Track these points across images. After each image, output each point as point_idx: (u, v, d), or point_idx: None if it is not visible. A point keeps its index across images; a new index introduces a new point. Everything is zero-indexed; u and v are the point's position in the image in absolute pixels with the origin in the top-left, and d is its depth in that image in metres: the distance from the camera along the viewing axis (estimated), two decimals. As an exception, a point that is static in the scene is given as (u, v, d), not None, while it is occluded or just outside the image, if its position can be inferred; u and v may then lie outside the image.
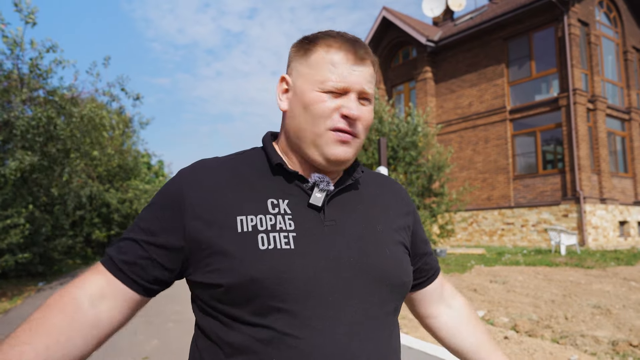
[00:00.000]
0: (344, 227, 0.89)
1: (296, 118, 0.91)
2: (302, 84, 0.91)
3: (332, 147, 0.88)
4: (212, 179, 0.89)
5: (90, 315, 0.84)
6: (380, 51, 21.77)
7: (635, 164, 17.50)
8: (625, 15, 18.25)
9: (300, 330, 0.79)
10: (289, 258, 0.81)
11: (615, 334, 5.15)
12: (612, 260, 10.46)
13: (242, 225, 0.83)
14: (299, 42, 0.95)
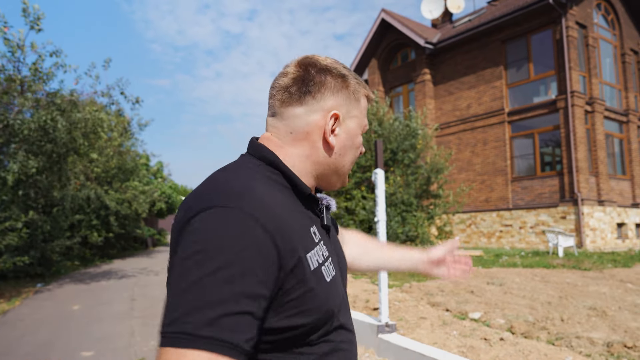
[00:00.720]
0: (335, 238, 1.02)
1: (344, 156, 0.97)
2: (355, 126, 0.97)
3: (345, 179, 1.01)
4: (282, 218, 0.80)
5: None
6: (379, 53, 21.83)
7: (633, 166, 17.55)
8: (623, 17, 18.32)
9: (346, 336, 0.90)
10: (338, 282, 0.91)
11: (610, 335, 5.19)
12: (609, 262, 10.50)
13: (311, 263, 0.83)
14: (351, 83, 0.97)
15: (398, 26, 20.19)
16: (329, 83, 0.94)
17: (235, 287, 0.70)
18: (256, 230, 0.74)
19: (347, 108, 0.96)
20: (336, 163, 0.96)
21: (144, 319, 6.85)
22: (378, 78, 21.84)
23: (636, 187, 17.48)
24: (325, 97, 0.94)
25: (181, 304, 0.69)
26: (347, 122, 0.96)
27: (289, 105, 0.95)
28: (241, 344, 0.69)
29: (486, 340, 5.17)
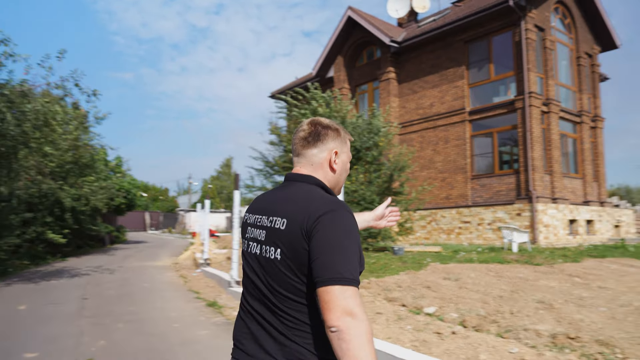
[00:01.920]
0: None
1: (341, 175, 1.62)
2: (345, 158, 1.63)
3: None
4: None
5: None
6: (345, 51, 21.90)
7: (585, 166, 18.23)
8: (579, 22, 18.97)
9: None
10: None
11: (556, 327, 5.37)
12: (559, 258, 10.87)
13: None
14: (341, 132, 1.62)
15: (364, 24, 20.31)
16: (330, 134, 1.59)
17: (358, 251, 1.35)
18: (353, 218, 1.39)
19: (340, 147, 1.60)
20: (337, 180, 1.61)
21: (95, 318, 6.68)
22: (344, 75, 21.92)
23: (587, 186, 18.17)
24: (329, 142, 1.58)
25: (344, 261, 1.28)
26: (341, 155, 1.61)
27: (307, 149, 1.57)
28: (357, 277, 1.30)
29: (439, 334, 5.27)
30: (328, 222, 1.32)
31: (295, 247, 1.34)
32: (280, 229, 1.39)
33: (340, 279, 1.25)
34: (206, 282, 10.51)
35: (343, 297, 1.23)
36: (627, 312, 5.98)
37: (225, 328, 6.09)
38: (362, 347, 1.19)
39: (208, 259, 12.88)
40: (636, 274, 9.14)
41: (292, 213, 1.39)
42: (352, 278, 1.27)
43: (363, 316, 1.23)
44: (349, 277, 1.26)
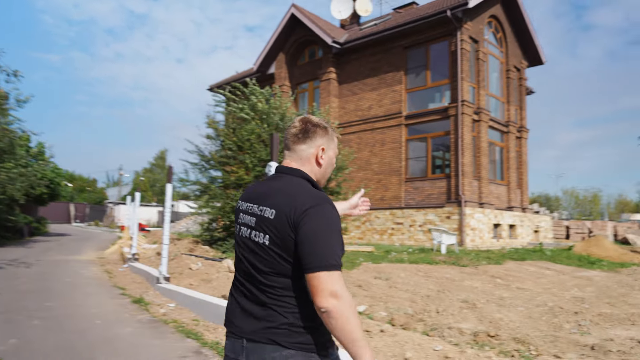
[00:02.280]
0: None
1: (326, 170, 1.77)
2: (332, 154, 1.79)
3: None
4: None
5: None
6: (287, 48, 21.83)
7: (510, 173, 19.29)
8: (509, 37, 20.03)
9: None
10: None
11: (478, 325, 5.62)
12: (484, 260, 11.42)
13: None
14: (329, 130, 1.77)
15: (307, 23, 20.33)
16: (318, 131, 1.73)
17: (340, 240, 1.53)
18: (335, 211, 1.56)
19: (327, 144, 1.75)
20: (323, 173, 1.77)
21: (6, 314, 6.22)
22: (285, 73, 21.84)
23: (511, 192, 19.24)
24: (317, 139, 1.73)
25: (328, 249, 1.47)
26: (327, 151, 1.75)
27: (297, 144, 1.73)
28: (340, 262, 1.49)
29: (368, 332, 5.35)
30: (314, 215, 1.51)
31: (282, 234, 1.54)
32: (269, 218, 1.59)
33: (326, 266, 1.46)
34: (133, 278, 10.10)
35: (328, 282, 1.46)
36: (542, 311, 6.36)
37: (151, 326, 5.87)
38: (348, 321, 1.45)
39: (136, 254, 12.38)
40: (551, 276, 9.76)
41: (280, 204, 1.57)
42: (335, 264, 1.48)
43: (346, 295, 1.46)
44: (333, 263, 1.47)
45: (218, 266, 9.61)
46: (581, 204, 58.72)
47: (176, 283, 8.74)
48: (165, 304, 7.19)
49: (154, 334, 5.46)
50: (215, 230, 13.95)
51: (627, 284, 9.16)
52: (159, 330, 5.64)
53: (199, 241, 14.23)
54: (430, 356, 4.55)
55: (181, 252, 12.71)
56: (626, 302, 7.27)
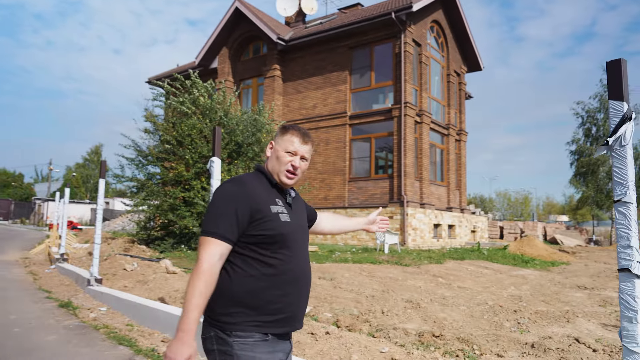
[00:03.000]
0: (297, 212, 1.93)
1: (272, 161, 1.88)
2: (278, 148, 1.89)
3: (285, 178, 1.86)
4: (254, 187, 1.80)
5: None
6: (231, 43, 21.33)
7: (450, 175, 19.84)
8: (450, 42, 20.59)
9: (294, 253, 1.79)
10: (290, 225, 1.80)
11: (422, 325, 5.61)
12: (425, 259, 11.60)
13: (272, 209, 1.77)
14: (282, 128, 1.94)
15: (252, 17, 19.95)
16: (277, 131, 1.96)
17: (222, 211, 1.71)
18: (234, 188, 1.75)
19: (276, 140, 1.92)
20: (271, 164, 1.89)
21: None
22: (228, 68, 21.33)
23: (451, 193, 19.79)
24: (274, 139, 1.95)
25: (207, 218, 1.72)
26: (275, 146, 1.91)
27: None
28: (221, 232, 1.68)
29: (313, 334, 5.19)
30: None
31: None
32: None
33: (203, 231, 1.70)
34: (61, 280, 9.42)
35: (200, 244, 1.69)
36: (483, 310, 6.46)
37: (79, 332, 5.41)
38: (190, 286, 1.60)
39: (65, 254, 11.59)
40: (489, 275, 10.04)
41: None
42: (210, 231, 1.68)
43: (203, 263, 1.63)
44: (206, 230, 1.69)
45: (155, 267, 9.13)
46: (513, 206, 61.75)
47: (109, 285, 8.21)
48: (97, 308, 6.71)
49: (82, 341, 5.03)
50: (152, 229, 13.35)
51: (558, 282, 9.57)
52: (88, 337, 5.21)
53: (135, 240, 13.56)
54: (376, 358, 4.45)
55: (115, 252, 12.04)
56: (559, 300, 7.56)
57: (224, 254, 1.70)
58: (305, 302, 1.87)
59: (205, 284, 1.62)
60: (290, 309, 1.76)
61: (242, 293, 1.69)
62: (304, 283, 1.83)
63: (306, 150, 1.92)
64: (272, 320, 1.71)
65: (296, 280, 1.79)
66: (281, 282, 1.73)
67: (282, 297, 1.73)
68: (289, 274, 1.76)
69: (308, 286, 1.88)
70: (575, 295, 8.14)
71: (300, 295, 1.82)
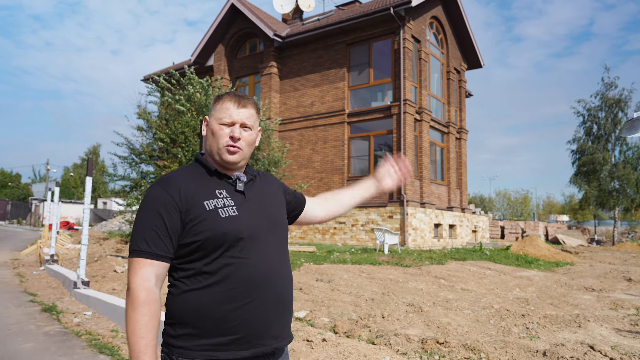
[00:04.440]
0: (256, 199, 1.57)
1: (209, 140, 1.55)
2: (211, 120, 1.57)
3: (226, 155, 1.52)
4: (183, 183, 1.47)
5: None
6: (227, 39, 20.98)
7: (450, 173, 19.50)
8: (450, 39, 20.25)
9: (247, 255, 1.44)
10: (238, 220, 1.46)
11: (425, 331, 5.27)
12: (426, 260, 11.26)
13: (208, 205, 1.45)
14: (215, 98, 1.59)
15: (248, 14, 19.59)
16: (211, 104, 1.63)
17: (147, 222, 1.41)
18: (157, 191, 1.45)
19: (210, 113, 1.58)
20: (210, 145, 1.56)
21: None
22: (224, 65, 20.98)
23: (451, 193, 19.45)
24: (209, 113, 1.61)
25: (134, 234, 1.42)
26: (210, 119, 1.57)
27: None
28: (152, 250, 1.39)
29: (308, 341, 4.86)
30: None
31: None
32: None
33: (129, 251, 1.42)
34: (49, 282, 9.08)
35: (129, 268, 1.41)
36: (489, 314, 6.13)
37: (59, 339, 5.07)
38: (128, 320, 1.34)
39: (55, 255, 11.24)
40: (493, 276, 9.71)
41: None
42: (135, 249, 1.40)
43: (134, 289, 1.35)
44: (133, 249, 1.41)
45: (146, 269, 8.78)
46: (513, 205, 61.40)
47: (97, 288, 7.88)
48: (82, 312, 6.37)
49: (60, 350, 4.69)
50: (145, 230, 12.98)
51: (565, 284, 9.24)
52: (68, 345, 4.86)
53: (127, 241, 13.20)
54: (377, 369, 4.12)
55: (107, 253, 11.70)
56: (568, 303, 7.23)
57: (161, 274, 1.42)
58: (282, 312, 1.51)
59: (149, 317, 1.34)
60: (251, 326, 1.42)
61: (186, 312, 1.40)
62: (272, 290, 1.47)
63: (246, 116, 1.54)
64: (226, 343, 1.39)
65: (256, 288, 1.44)
66: (234, 293, 1.40)
67: (237, 312, 1.40)
68: (243, 280, 1.42)
69: (282, 293, 1.51)
70: (584, 297, 7.81)
71: (271, 305, 1.46)
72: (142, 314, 1.32)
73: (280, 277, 1.51)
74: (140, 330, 1.31)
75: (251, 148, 1.59)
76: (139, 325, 1.32)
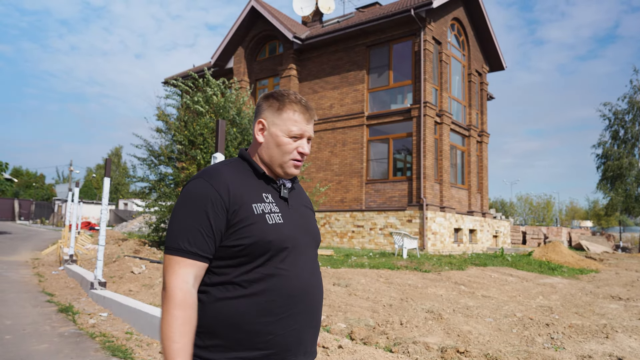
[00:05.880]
0: (297, 208, 1.50)
1: (270, 150, 1.45)
2: (275, 130, 1.45)
3: (291, 168, 1.46)
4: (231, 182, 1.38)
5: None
6: (247, 42, 21.03)
7: (471, 177, 19.17)
8: (471, 41, 19.95)
9: (288, 267, 1.36)
10: (283, 227, 1.38)
11: (445, 339, 5.10)
12: (446, 265, 11.03)
13: (256, 209, 1.36)
14: (271, 99, 1.47)
15: (268, 16, 19.61)
16: (262, 104, 1.50)
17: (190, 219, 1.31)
18: (202, 185, 1.34)
19: (272, 118, 1.45)
20: (268, 154, 1.46)
21: None
22: (244, 68, 21.02)
23: (472, 197, 19.11)
24: (260, 112, 1.50)
25: (170, 231, 1.34)
26: (270, 127, 1.45)
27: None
28: (192, 249, 1.29)
29: (325, 348, 4.73)
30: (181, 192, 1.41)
31: None
32: None
33: (167, 248, 1.33)
34: (67, 282, 9.12)
35: (165, 266, 1.32)
36: (512, 323, 5.92)
37: (73, 341, 5.04)
38: (163, 321, 1.26)
39: (74, 255, 11.33)
40: (515, 283, 9.44)
41: None
42: (175, 247, 1.31)
43: (171, 290, 1.28)
44: (172, 247, 1.31)
45: (162, 270, 8.77)
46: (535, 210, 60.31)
47: (114, 289, 7.87)
48: (97, 314, 6.34)
49: (73, 352, 4.64)
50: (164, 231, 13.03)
51: (590, 292, 8.93)
52: (81, 347, 4.82)
53: (146, 242, 13.28)
54: (394, 378, 3.98)
55: (125, 254, 11.76)
56: (594, 312, 6.96)
57: (200, 275, 1.33)
58: (313, 327, 1.44)
59: (184, 320, 1.26)
60: (287, 340, 1.34)
61: (218, 322, 1.31)
62: (309, 303, 1.40)
63: (312, 129, 1.50)
64: (259, 357, 1.32)
65: (295, 302, 1.36)
66: (272, 305, 1.32)
67: (273, 325, 1.32)
68: (283, 292, 1.34)
69: (315, 308, 1.44)
70: (610, 306, 7.52)
71: (304, 320, 1.39)
72: (176, 317, 1.25)
73: (315, 292, 1.44)
74: (174, 334, 1.24)
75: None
76: (172, 329, 1.24)
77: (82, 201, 24.61)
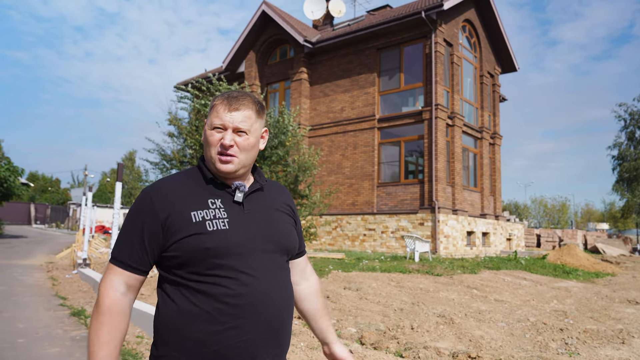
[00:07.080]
0: (258, 211, 1.43)
1: (204, 149, 1.45)
2: (205, 127, 1.45)
3: (219, 164, 1.39)
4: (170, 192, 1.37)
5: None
6: (258, 46, 21.11)
7: (484, 180, 19.00)
8: (483, 42, 19.81)
9: (235, 275, 1.30)
10: (225, 234, 1.32)
11: (457, 344, 5.04)
12: (458, 268, 10.92)
13: (194, 217, 1.33)
14: (213, 101, 1.46)
15: (278, 20, 19.67)
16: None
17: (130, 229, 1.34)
18: (142, 198, 1.36)
19: (208, 117, 1.45)
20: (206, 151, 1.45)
21: None
22: (255, 72, 21.10)
23: (484, 199, 18.94)
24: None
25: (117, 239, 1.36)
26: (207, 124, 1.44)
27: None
28: (123, 259, 1.32)
29: (334, 352, 4.70)
30: None
31: None
32: None
33: (110, 257, 1.37)
34: (80, 286, 9.20)
35: (104, 273, 1.34)
36: (525, 328, 5.83)
37: (84, 344, 5.07)
38: (90, 330, 1.27)
39: (87, 259, 11.43)
40: (529, 287, 9.32)
41: None
42: (112, 255, 1.35)
43: (102, 297, 1.29)
44: (111, 255, 1.35)
45: (174, 274, 8.80)
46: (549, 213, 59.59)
47: (126, 292, 7.91)
48: (109, 317, 6.37)
49: (84, 356, 4.67)
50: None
51: (606, 296, 8.77)
52: (93, 351, 4.84)
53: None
54: (405, 384, 3.93)
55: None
56: (609, 317, 6.83)
57: (133, 285, 1.35)
58: (273, 340, 1.35)
59: (109, 329, 1.25)
60: (236, 352, 1.28)
61: (169, 330, 1.31)
62: (264, 313, 1.32)
63: (240, 119, 1.38)
64: None
65: (243, 309, 1.29)
66: (218, 314, 1.28)
67: (219, 335, 1.27)
68: (228, 301, 1.28)
69: (274, 317, 1.35)
70: (627, 311, 7.38)
71: (258, 332, 1.31)
72: (103, 324, 1.25)
73: (272, 302, 1.35)
74: (99, 340, 1.24)
75: (250, 154, 1.43)
76: (97, 336, 1.25)
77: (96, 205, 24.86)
